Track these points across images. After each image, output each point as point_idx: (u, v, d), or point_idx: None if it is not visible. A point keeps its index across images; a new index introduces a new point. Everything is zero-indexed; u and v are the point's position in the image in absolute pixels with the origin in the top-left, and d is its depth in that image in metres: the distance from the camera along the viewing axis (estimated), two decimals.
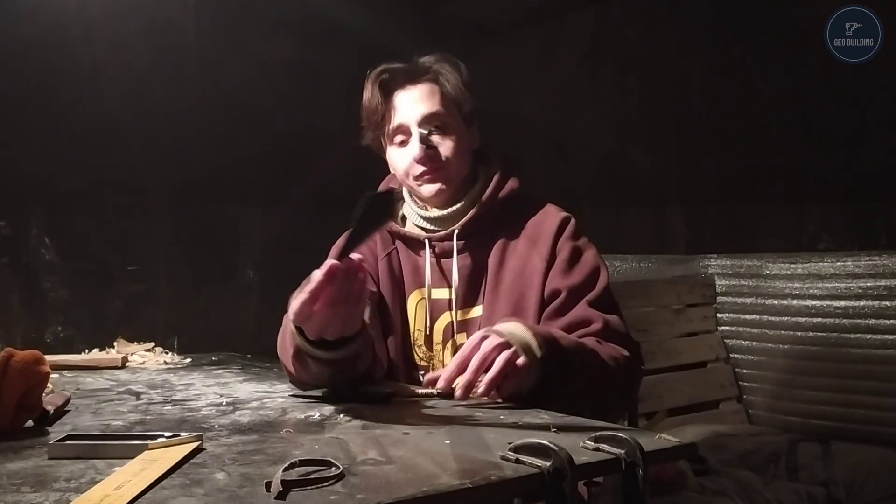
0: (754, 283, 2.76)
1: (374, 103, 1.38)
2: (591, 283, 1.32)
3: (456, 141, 1.38)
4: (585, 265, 1.33)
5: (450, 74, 1.39)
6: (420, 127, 1.35)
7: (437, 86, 1.38)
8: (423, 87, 1.38)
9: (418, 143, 1.35)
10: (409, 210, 1.45)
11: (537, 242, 1.35)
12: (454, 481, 0.69)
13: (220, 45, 2.84)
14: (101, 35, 2.53)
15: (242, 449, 0.82)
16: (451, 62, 1.41)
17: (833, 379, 2.51)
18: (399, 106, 1.37)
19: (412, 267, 1.42)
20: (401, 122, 1.37)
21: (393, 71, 1.40)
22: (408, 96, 1.37)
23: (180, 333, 2.61)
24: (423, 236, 1.40)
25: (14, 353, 0.93)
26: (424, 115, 1.36)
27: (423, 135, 1.35)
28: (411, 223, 1.45)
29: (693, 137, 3.09)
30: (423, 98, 1.37)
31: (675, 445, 0.85)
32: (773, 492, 2.04)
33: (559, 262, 1.33)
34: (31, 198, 2.46)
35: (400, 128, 1.37)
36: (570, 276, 1.31)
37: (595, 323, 1.26)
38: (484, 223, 1.38)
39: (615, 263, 3.13)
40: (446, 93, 1.38)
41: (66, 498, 0.65)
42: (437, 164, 1.35)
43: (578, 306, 1.29)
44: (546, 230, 1.36)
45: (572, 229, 1.37)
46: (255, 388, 1.28)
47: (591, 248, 1.37)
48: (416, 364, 1.40)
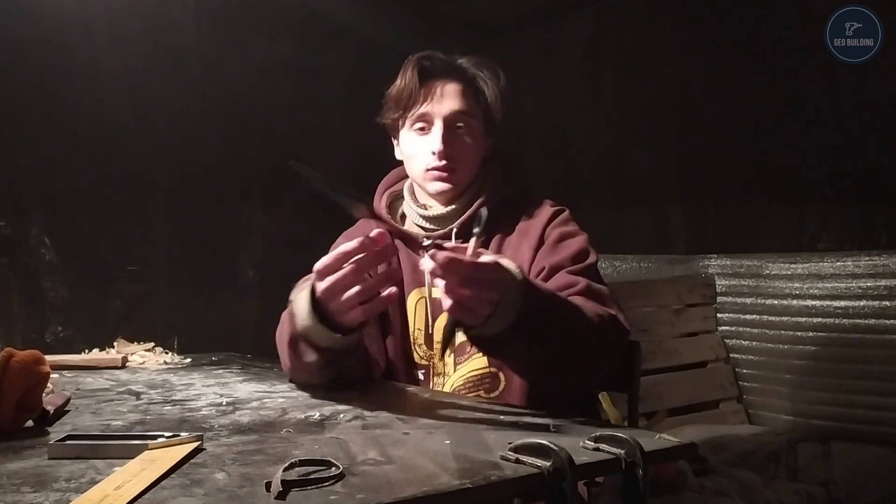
0: (754, 283, 2.76)
1: (411, 86, 1.37)
2: (577, 260, 1.28)
3: (474, 146, 1.39)
4: (572, 245, 1.31)
5: (490, 81, 1.39)
6: (445, 123, 1.36)
7: (474, 88, 1.39)
8: (460, 84, 1.38)
9: (440, 136, 1.35)
10: (409, 209, 1.46)
11: (528, 233, 1.35)
12: (454, 481, 0.69)
13: (220, 45, 2.84)
14: (101, 35, 2.53)
15: (242, 449, 0.82)
16: (492, 69, 1.41)
17: (833, 379, 2.51)
18: (431, 94, 1.37)
19: (411, 266, 1.42)
20: (428, 111, 1.37)
21: (435, 59, 1.40)
22: (442, 88, 1.37)
23: (180, 333, 2.61)
24: (421, 235, 1.40)
25: (14, 353, 0.93)
26: (453, 111, 1.36)
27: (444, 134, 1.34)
28: (411, 221, 1.45)
29: (693, 137, 3.09)
30: (456, 94, 1.37)
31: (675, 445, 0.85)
32: (773, 492, 2.04)
33: (546, 245, 1.32)
34: (31, 198, 2.46)
35: (425, 115, 1.37)
36: (554, 254, 1.30)
37: (578, 285, 1.21)
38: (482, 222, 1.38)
39: (615, 263, 3.13)
40: (481, 98, 1.39)
41: (66, 498, 0.65)
42: (451, 163, 1.36)
43: (560, 274, 1.25)
44: (537, 221, 1.36)
45: (563, 218, 1.37)
46: (255, 388, 1.28)
47: (580, 234, 1.35)
48: (416, 363, 1.40)
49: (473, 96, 1.39)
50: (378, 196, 1.50)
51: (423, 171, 1.38)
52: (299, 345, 1.12)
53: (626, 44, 3.34)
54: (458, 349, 1.36)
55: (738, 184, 2.93)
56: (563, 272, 1.26)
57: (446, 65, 1.40)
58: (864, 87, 2.54)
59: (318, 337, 1.08)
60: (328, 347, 1.09)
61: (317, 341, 1.09)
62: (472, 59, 1.42)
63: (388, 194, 1.49)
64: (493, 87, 1.40)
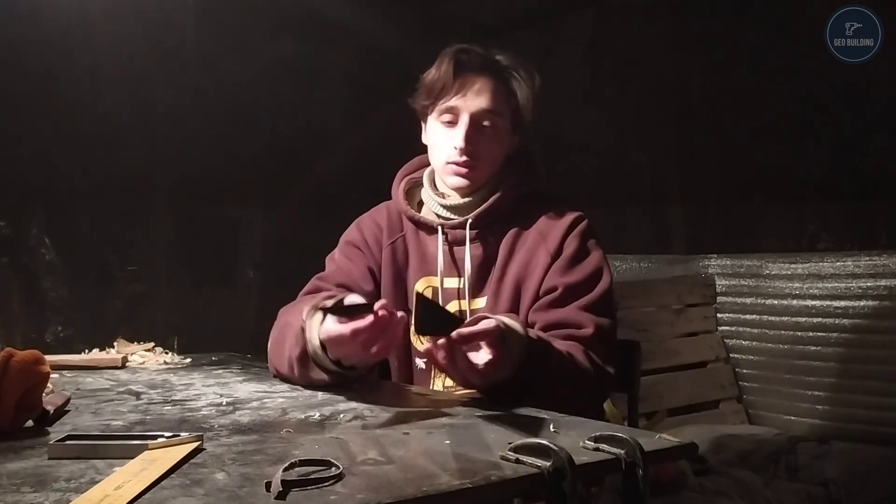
0: (754, 283, 2.76)
1: (444, 77, 1.36)
2: (590, 285, 1.31)
3: (498, 145, 1.39)
4: (588, 266, 1.33)
5: (524, 82, 1.39)
6: (472, 119, 1.35)
7: (507, 87, 1.39)
8: (493, 82, 1.37)
9: (464, 131, 1.35)
10: (427, 196, 1.46)
11: (547, 237, 1.36)
12: (454, 481, 0.69)
13: (220, 46, 2.84)
14: (101, 35, 2.53)
15: (242, 449, 0.82)
16: (528, 70, 1.41)
17: (833, 379, 2.51)
18: (463, 88, 1.36)
19: (421, 254, 1.42)
20: (456, 105, 1.36)
21: (472, 53, 1.39)
22: (475, 84, 1.37)
23: (180, 333, 2.61)
24: (436, 223, 1.41)
25: (14, 353, 0.93)
26: (482, 108, 1.36)
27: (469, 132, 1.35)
28: (428, 209, 1.46)
29: (693, 137, 3.09)
30: (487, 91, 1.36)
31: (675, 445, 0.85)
32: (773, 492, 2.04)
33: (562, 259, 1.33)
34: (31, 198, 2.46)
35: (453, 108, 1.37)
36: (569, 274, 1.32)
37: (586, 328, 1.26)
38: (499, 215, 1.39)
39: (615, 263, 3.13)
40: (512, 98, 1.38)
41: (66, 498, 0.65)
42: (473, 160, 1.36)
43: (571, 307, 1.28)
44: (558, 226, 1.36)
45: (583, 228, 1.37)
46: (255, 388, 1.28)
47: (597, 251, 1.37)
48: (417, 352, 1.40)
49: (504, 95, 1.38)
50: (397, 182, 1.51)
51: (443, 163, 1.38)
52: (310, 364, 1.18)
53: (626, 44, 3.33)
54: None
55: (738, 184, 2.92)
56: (575, 307, 1.28)
57: (483, 60, 1.39)
58: (864, 87, 2.54)
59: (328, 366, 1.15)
60: (338, 373, 1.16)
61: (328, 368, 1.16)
62: (510, 58, 1.41)
63: (406, 180, 1.50)
64: (526, 89, 1.39)
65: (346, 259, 1.45)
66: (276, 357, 1.30)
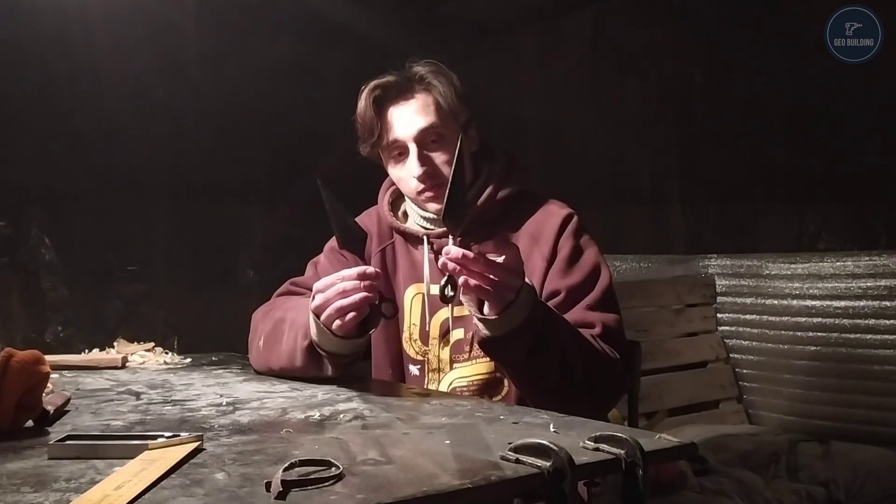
0: (754, 283, 2.76)
1: (369, 120, 1.36)
2: (591, 283, 1.31)
3: (454, 153, 1.38)
4: (585, 265, 1.33)
5: (443, 87, 1.36)
6: (416, 142, 1.34)
7: (431, 97, 1.36)
8: (417, 100, 1.36)
9: (416, 160, 1.33)
10: (410, 208, 1.46)
11: (539, 240, 1.35)
12: (454, 481, 0.69)
13: (220, 47, 2.84)
14: (101, 35, 2.53)
15: (242, 449, 0.82)
16: (443, 73, 1.38)
17: (833, 379, 2.51)
18: (394, 121, 1.36)
19: (410, 262, 1.42)
20: (397, 138, 1.35)
21: (385, 86, 1.37)
22: (402, 111, 1.36)
23: (180, 333, 2.61)
24: (421, 233, 1.40)
25: (14, 353, 0.93)
26: (420, 129, 1.34)
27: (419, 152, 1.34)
28: (412, 221, 1.46)
29: (693, 137, 3.09)
30: (417, 112, 1.35)
31: (675, 445, 0.85)
32: (773, 492, 2.04)
33: (559, 262, 1.33)
34: (31, 198, 2.46)
35: (396, 143, 1.36)
36: (569, 276, 1.31)
37: (594, 327, 1.26)
38: (484, 219, 1.38)
39: (615, 263, 3.13)
40: (441, 105, 1.36)
41: (66, 498, 0.65)
42: (437, 179, 1.34)
43: (577, 309, 1.28)
44: (548, 228, 1.36)
45: (574, 227, 1.36)
46: (255, 388, 1.28)
47: (592, 247, 1.36)
48: (410, 358, 1.40)
49: (434, 104, 1.36)
50: (382, 193, 1.50)
51: (413, 195, 1.38)
52: (316, 355, 1.22)
53: (626, 43, 3.33)
54: (454, 346, 1.36)
55: (738, 184, 2.93)
56: (581, 308, 1.29)
57: (397, 86, 1.37)
58: (864, 87, 2.54)
59: (327, 344, 1.20)
60: (346, 353, 1.21)
61: (335, 351, 1.21)
62: (422, 68, 1.39)
63: (391, 191, 1.50)
64: (448, 91, 1.36)
65: (330, 266, 1.43)
66: (273, 354, 1.33)
